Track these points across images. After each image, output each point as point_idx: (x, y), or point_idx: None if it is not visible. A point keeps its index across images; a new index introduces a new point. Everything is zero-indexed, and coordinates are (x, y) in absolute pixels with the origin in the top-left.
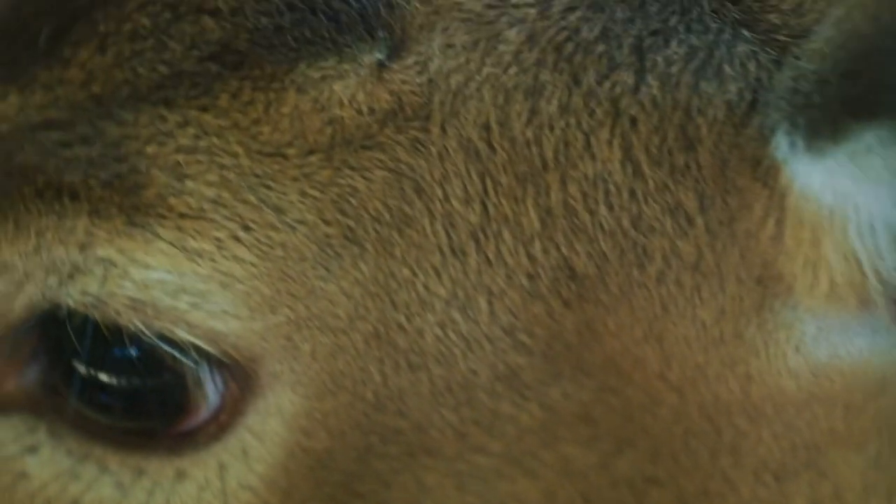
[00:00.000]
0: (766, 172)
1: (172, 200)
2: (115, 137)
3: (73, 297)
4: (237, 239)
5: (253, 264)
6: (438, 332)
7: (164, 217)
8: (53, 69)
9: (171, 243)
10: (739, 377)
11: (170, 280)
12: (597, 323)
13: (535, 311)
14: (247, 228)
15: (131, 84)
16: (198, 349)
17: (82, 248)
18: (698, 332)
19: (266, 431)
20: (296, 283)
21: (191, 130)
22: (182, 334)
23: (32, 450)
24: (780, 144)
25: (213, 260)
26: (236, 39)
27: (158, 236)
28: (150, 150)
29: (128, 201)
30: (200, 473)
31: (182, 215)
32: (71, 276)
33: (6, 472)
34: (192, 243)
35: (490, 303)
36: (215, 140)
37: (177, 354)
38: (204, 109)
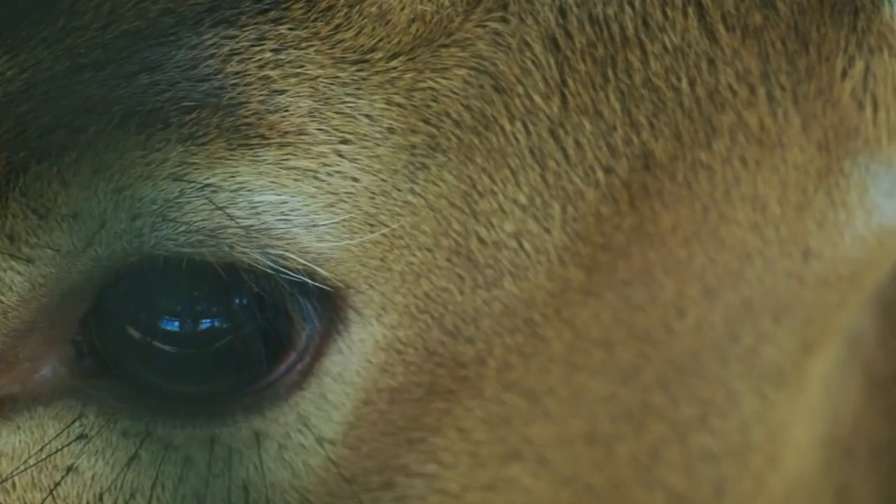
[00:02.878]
0: (856, 13)
1: (272, 118)
2: (188, 60)
3: (173, 238)
4: (338, 153)
5: (355, 179)
6: (514, 244)
7: (265, 137)
8: (55, 21)
9: (276, 163)
10: (795, 258)
11: (279, 202)
12: (651, 224)
13: (602, 212)
14: (346, 141)
15: (174, 13)
16: (309, 276)
17: (177, 178)
18: (757, 214)
19: (346, 372)
20: (391, 199)
21: (269, 45)
22: (297, 259)
23: (82, 438)
24: None
25: (316, 177)
26: None
27: (262, 157)
28: (231, 68)
29: (227, 122)
30: (280, 430)
31: (284, 133)
32: (164, 216)
33: (51, 470)
34: (295, 161)
35: (564, 208)
36: (297, 52)
37: (294, 278)
38: (277, 22)
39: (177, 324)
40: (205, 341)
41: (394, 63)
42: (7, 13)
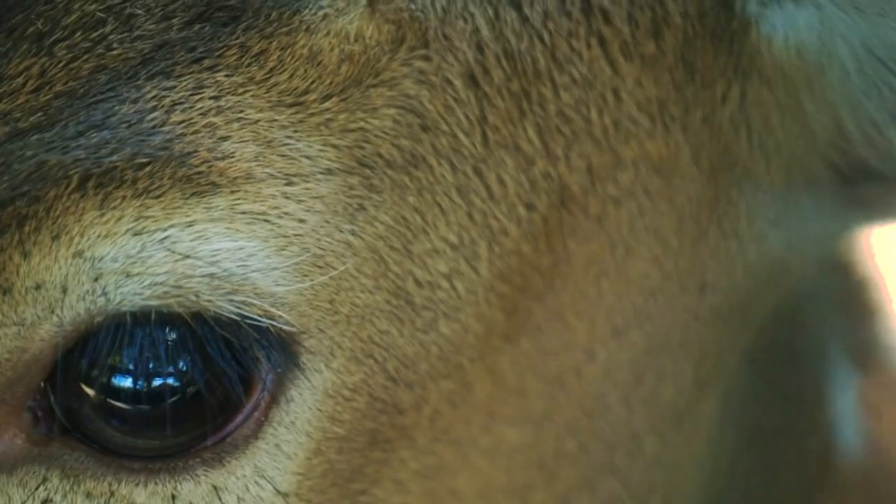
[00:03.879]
0: (732, 38)
1: (221, 164)
2: (133, 113)
3: (139, 293)
4: (285, 195)
5: (301, 220)
6: (447, 284)
7: (216, 184)
8: None
9: (229, 209)
10: (692, 292)
11: (235, 248)
12: (565, 263)
13: (523, 251)
14: (290, 183)
15: (109, 69)
16: (270, 322)
17: (136, 233)
18: (658, 247)
19: (298, 420)
20: (335, 240)
21: (208, 93)
22: (258, 304)
23: (47, 503)
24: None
25: (267, 220)
26: None
27: (216, 204)
28: (175, 117)
29: (179, 172)
30: (238, 483)
31: (233, 178)
32: (127, 273)
33: None
34: (248, 206)
35: (490, 247)
36: (235, 98)
37: (260, 323)
38: (213, 70)
39: (132, 381)
40: (161, 396)
41: (327, 104)
42: None
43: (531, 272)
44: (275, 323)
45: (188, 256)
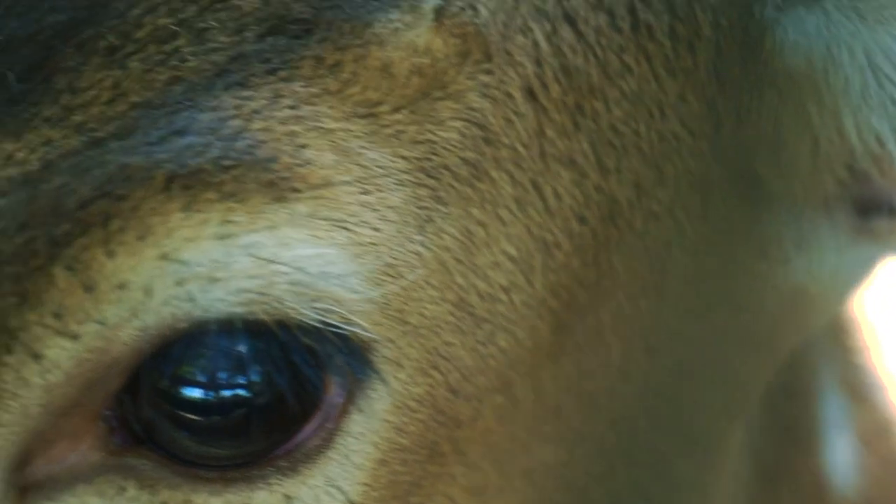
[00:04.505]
0: (753, 46)
1: (302, 171)
2: (214, 120)
3: (224, 299)
4: (361, 204)
5: (376, 229)
6: (506, 297)
7: (298, 190)
8: (55, 101)
9: (310, 216)
10: (723, 313)
11: (315, 254)
12: (608, 279)
13: (573, 265)
14: (366, 192)
15: (182, 80)
16: (349, 329)
17: (221, 238)
18: (692, 267)
19: (367, 432)
20: (406, 250)
21: (286, 102)
22: (339, 311)
23: None
24: (767, 2)
25: (346, 228)
26: (291, 8)
27: (298, 210)
28: (255, 125)
29: (263, 177)
30: (310, 493)
31: (314, 185)
32: (212, 278)
33: None
34: (328, 213)
35: (545, 261)
36: (311, 108)
37: (342, 331)
38: (289, 80)
39: (211, 390)
40: (240, 404)
41: (398, 116)
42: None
43: (577, 288)
44: (354, 330)
45: (272, 262)
